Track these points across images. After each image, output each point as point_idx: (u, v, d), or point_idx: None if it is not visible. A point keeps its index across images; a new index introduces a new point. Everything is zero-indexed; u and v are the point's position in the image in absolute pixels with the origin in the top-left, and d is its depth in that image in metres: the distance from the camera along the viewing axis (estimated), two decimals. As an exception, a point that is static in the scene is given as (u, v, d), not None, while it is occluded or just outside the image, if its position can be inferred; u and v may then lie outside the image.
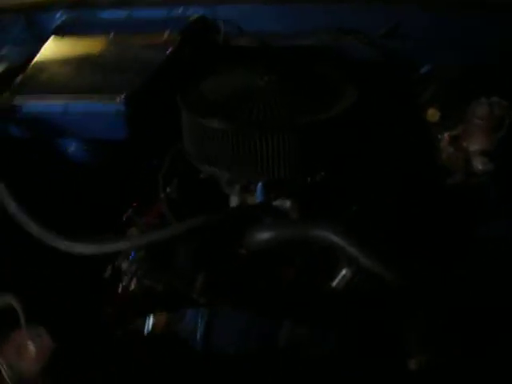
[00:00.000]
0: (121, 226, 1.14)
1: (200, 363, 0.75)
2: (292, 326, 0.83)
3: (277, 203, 1.09)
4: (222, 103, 1.04)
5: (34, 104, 1.09)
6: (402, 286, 0.79)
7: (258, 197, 1.07)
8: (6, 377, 0.65)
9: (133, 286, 0.93)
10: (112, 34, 1.18)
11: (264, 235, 0.94)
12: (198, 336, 0.80)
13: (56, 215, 1.08)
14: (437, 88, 1.09)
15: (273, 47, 1.18)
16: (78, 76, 1.13)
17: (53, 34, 1.23)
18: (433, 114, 1.07)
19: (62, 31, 1.23)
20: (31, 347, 0.69)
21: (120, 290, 0.95)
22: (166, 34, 1.16)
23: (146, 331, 0.80)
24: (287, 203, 1.09)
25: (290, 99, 1.04)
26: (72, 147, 1.14)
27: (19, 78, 1.14)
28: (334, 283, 1.00)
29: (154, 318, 0.83)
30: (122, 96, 1.04)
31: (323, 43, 1.17)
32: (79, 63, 1.15)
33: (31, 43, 1.26)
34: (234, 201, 1.12)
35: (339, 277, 0.99)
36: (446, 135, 1.08)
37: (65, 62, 1.16)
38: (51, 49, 1.20)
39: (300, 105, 1.03)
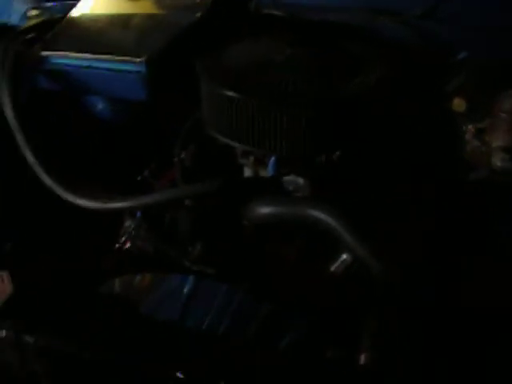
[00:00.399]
0: (136, 185, 1.16)
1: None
2: (271, 309, 0.82)
3: (289, 179, 1.08)
4: (241, 73, 1.02)
5: (61, 58, 1.12)
6: (387, 281, 0.76)
7: (269, 171, 1.06)
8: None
9: (128, 245, 0.95)
10: (146, -5, 1.19)
11: (263, 209, 0.93)
12: (179, 303, 0.81)
13: (73, 168, 1.11)
14: (466, 77, 1.03)
15: (304, 20, 1.15)
16: (106, 34, 1.14)
17: (90, -10, 1.24)
18: (459, 104, 1.01)
19: (99, -11, 1.24)
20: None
21: (117, 246, 0.96)
22: (198, -2, 1.16)
23: (127, 289, 0.80)
24: (300, 180, 1.08)
25: (312, 74, 1.00)
26: (95, 104, 1.17)
27: (51, 33, 1.17)
28: (333, 267, 0.99)
29: (140, 276, 0.83)
30: (143, 57, 1.05)
31: (356, 21, 1.12)
32: (109, 22, 1.16)
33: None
34: (247, 172, 1.12)
35: (339, 261, 0.97)
36: (471, 127, 1.02)
37: (95, 20, 1.18)
38: (85, 6, 1.22)
39: (321, 81, 1.00)
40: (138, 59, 1.05)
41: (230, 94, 0.98)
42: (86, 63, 1.10)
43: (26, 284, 0.69)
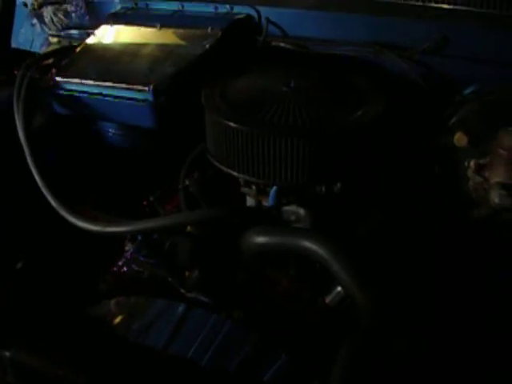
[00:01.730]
0: (142, 210, 1.19)
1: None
2: (257, 342, 0.82)
3: (290, 209, 1.09)
4: (244, 104, 1.05)
5: (74, 85, 1.16)
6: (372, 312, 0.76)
7: (269, 200, 1.07)
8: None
9: (124, 269, 0.96)
10: (158, 26, 1.23)
11: (258, 239, 0.94)
12: (167, 330, 0.81)
13: (81, 191, 1.14)
14: (468, 111, 1.03)
15: (310, 53, 1.17)
16: (117, 63, 1.18)
17: (106, 21, 1.29)
18: (460, 139, 1.01)
19: (114, 19, 1.29)
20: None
21: (115, 269, 0.98)
22: (208, 30, 1.19)
23: (117, 311, 0.82)
24: (301, 210, 1.09)
25: (313, 106, 1.02)
26: (105, 130, 1.21)
27: (66, 60, 1.22)
28: (328, 299, 0.99)
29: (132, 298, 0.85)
30: (151, 86, 1.08)
31: (361, 54, 1.14)
32: (121, 51, 1.21)
33: (89, 28, 1.34)
34: (249, 202, 1.13)
35: (334, 293, 0.97)
36: (472, 163, 1.02)
37: (108, 49, 1.23)
38: (100, 35, 1.27)
39: (322, 113, 1.02)
40: (146, 88, 1.08)
41: (232, 124, 1.00)
42: (97, 90, 1.14)
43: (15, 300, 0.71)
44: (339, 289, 0.95)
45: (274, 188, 1.05)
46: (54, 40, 1.41)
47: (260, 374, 0.76)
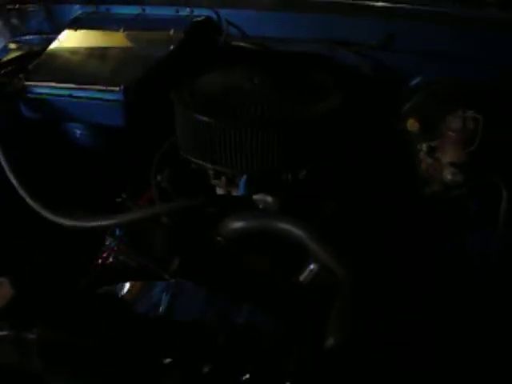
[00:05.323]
0: (116, 207, 1.22)
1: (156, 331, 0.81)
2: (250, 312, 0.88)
3: (258, 197, 1.16)
4: (212, 99, 1.11)
5: (44, 88, 1.19)
6: (352, 282, 0.84)
7: (240, 190, 1.14)
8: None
9: (110, 260, 1.01)
10: (122, 29, 1.27)
11: (235, 224, 1.01)
12: (162, 307, 0.87)
13: (54, 190, 1.17)
14: (418, 99, 1.14)
15: (269, 51, 1.25)
16: (86, 65, 1.22)
17: (68, 26, 1.32)
18: (412, 124, 1.11)
19: (77, 24, 1.32)
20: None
21: (99, 262, 1.02)
22: (171, 32, 1.24)
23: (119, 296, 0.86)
24: (269, 198, 1.16)
25: (277, 99, 1.10)
26: (76, 131, 1.24)
27: (32, 64, 1.24)
28: (302, 277, 1.07)
29: (129, 284, 0.89)
30: (121, 86, 1.13)
31: (317, 51, 1.22)
32: (88, 54, 1.25)
33: (49, 33, 1.37)
34: (220, 192, 1.20)
35: (307, 271, 1.05)
36: (424, 146, 1.12)
37: (75, 52, 1.26)
38: (64, 39, 1.30)
39: (285, 104, 1.09)
40: (117, 88, 1.13)
41: (201, 117, 1.06)
42: (67, 92, 1.17)
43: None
44: (312, 266, 1.03)
45: (244, 177, 1.12)
46: (13, 46, 1.42)
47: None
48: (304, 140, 1.08)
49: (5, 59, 1.28)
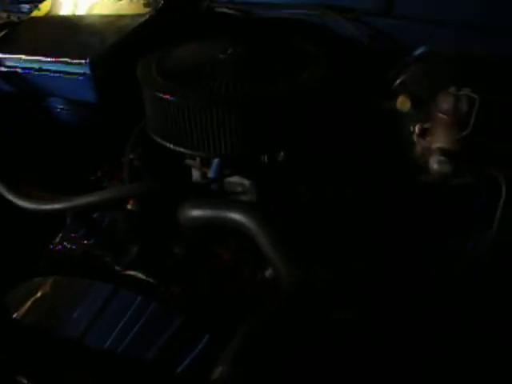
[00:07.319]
0: (90, 185, 1.17)
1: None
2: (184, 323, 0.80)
3: (235, 180, 1.06)
4: (180, 75, 1.00)
5: (13, 61, 1.13)
6: (294, 286, 0.74)
7: (211, 172, 1.04)
8: None
9: (59, 246, 0.95)
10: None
11: (191, 213, 0.92)
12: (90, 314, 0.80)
13: (24, 168, 1.13)
14: (410, 73, 0.98)
15: (255, 17, 1.13)
16: (57, 37, 1.15)
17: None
18: (403, 102, 0.96)
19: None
20: None
21: (52, 247, 0.97)
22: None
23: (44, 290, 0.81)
24: (245, 182, 1.06)
25: (252, 73, 0.98)
26: (47, 105, 1.18)
27: (7, 36, 1.19)
28: (267, 273, 0.97)
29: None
30: (88, 59, 1.05)
31: (307, 17, 1.09)
32: (61, 25, 1.18)
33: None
34: (195, 174, 1.11)
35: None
36: (416, 127, 0.98)
37: (50, 22, 1.20)
38: (44, 8, 1.23)
39: (260, 79, 0.97)
40: (84, 61, 1.05)
41: (167, 97, 0.95)
42: (37, 65, 1.10)
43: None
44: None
45: (216, 160, 1.02)
46: (4, 15, 1.37)
47: (180, 357, 0.75)
48: (281, 118, 0.96)
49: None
